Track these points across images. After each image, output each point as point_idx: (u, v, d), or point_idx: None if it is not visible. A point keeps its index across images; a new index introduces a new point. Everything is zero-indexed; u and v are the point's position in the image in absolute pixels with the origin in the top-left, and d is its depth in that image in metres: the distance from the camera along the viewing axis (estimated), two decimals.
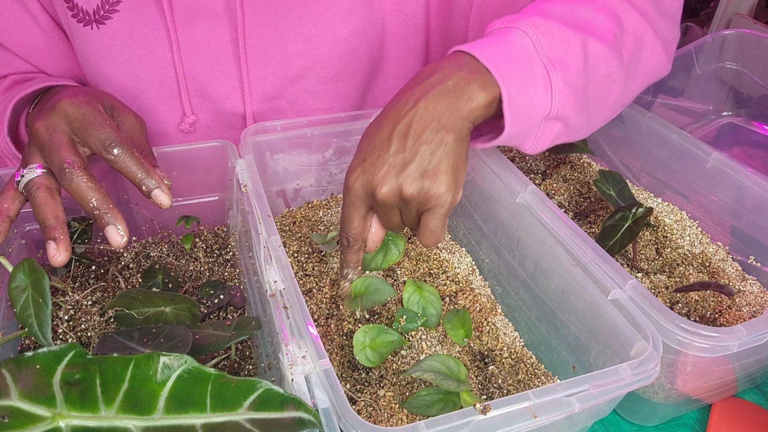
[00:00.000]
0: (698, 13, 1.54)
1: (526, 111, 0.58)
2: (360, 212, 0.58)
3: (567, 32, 0.59)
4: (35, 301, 0.55)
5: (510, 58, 0.57)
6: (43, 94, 0.71)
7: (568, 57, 0.59)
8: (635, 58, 0.66)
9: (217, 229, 0.79)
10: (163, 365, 0.39)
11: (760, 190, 0.69)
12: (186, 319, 0.60)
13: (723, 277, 0.71)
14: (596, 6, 0.63)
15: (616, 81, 0.64)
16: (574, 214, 0.80)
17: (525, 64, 0.57)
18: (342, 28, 0.75)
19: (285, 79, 0.77)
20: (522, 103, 0.57)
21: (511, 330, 0.68)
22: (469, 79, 0.55)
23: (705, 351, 0.52)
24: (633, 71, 0.66)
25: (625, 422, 0.65)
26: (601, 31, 0.61)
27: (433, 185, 0.53)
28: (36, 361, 0.38)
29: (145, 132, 0.64)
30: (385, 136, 0.55)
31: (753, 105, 1.09)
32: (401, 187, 0.54)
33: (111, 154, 0.55)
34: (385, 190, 0.54)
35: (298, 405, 0.41)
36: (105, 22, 0.71)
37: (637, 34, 0.65)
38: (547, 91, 0.58)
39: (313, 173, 0.81)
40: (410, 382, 0.59)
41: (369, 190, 0.55)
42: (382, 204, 0.55)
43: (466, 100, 0.54)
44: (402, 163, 0.54)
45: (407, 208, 0.56)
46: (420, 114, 0.54)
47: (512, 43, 0.58)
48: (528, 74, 0.57)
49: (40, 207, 0.55)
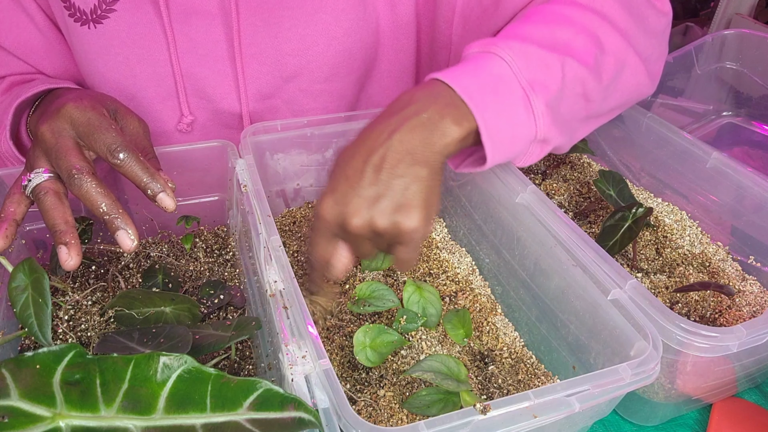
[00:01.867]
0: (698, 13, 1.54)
1: (509, 138, 0.58)
2: (326, 239, 0.56)
3: (545, 54, 0.59)
4: (35, 301, 0.55)
5: (487, 87, 0.56)
6: (44, 97, 0.71)
7: (548, 79, 0.59)
8: (615, 80, 0.66)
9: (217, 229, 0.79)
10: (163, 365, 0.39)
11: (760, 190, 0.69)
12: (186, 319, 0.60)
13: (723, 277, 0.71)
14: (576, 28, 0.63)
15: (593, 101, 0.64)
16: (574, 214, 0.80)
17: (503, 90, 0.57)
18: (336, 28, 0.75)
19: (280, 78, 0.78)
20: (503, 131, 0.57)
21: (511, 330, 0.68)
22: (443, 113, 0.54)
23: (705, 351, 0.52)
24: (612, 91, 0.66)
25: (625, 422, 0.65)
26: (581, 54, 0.61)
27: (405, 220, 0.53)
28: (36, 361, 0.38)
29: (148, 135, 0.64)
30: (358, 166, 0.54)
31: (753, 105, 1.09)
32: (373, 220, 0.53)
33: (117, 158, 0.55)
34: (357, 223, 0.53)
35: (298, 405, 0.41)
36: (102, 22, 0.71)
37: (618, 55, 0.65)
38: (528, 115, 0.58)
39: (313, 173, 0.81)
40: (410, 382, 0.59)
41: (340, 221, 0.54)
42: (353, 235, 0.54)
43: (440, 135, 0.54)
44: (375, 197, 0.53)
45: (378, 240, 0.55)
46: (395, 146, 0.53)
47: (489, 70, 0.58)
48: (507, 101, 0.57)
49: (50, 212, 0.55)
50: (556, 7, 0.65)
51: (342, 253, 0.58)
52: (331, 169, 0.57)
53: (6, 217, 0.57)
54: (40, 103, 0.71)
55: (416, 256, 0.56)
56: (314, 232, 0.57)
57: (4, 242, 0.56)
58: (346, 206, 0.53)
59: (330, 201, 0.54)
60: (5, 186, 0.68)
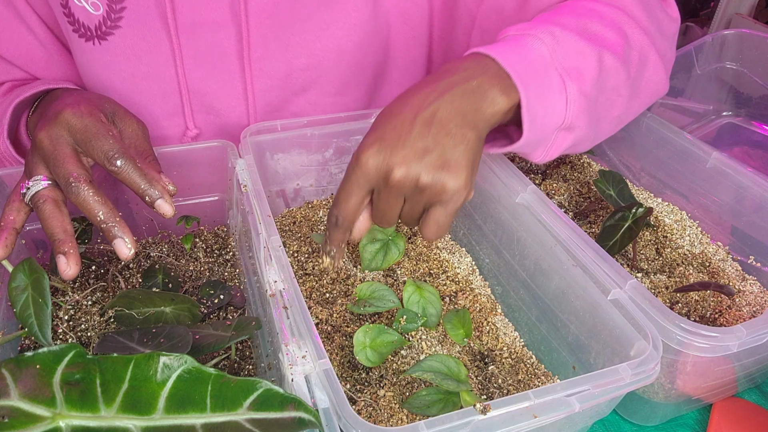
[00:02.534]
0: (698, 13, 1.54)
1: (541, 119, 0.58)
2: (361, 191, 0.54)
3: (582, 43, 0.60)
4: (35, 301, 0.55)
5: (529, 65, 0.57)
6: (43, 97, 0.71)
7: (583, 67, 0.59)
8: (640, 74, 0.66)
9: (217, 229, 0.79)
10: (163, 365, 0.39)
11: (760, 190, 0.69)
12: (186, 319, 0.60)
13: (723, 277, 0.71)
14: (605, 21, 0.63)
15: (622, 95, 0.65)
16: (574, 214, 0.80)
17: (542, 72, 0.57)
18: (347, 42, 0.75)
19: (290, 92, 0.77)
20: (538, 111, 0.57)
21: (511, 330, 0.68)
22: (492, 82, 0.54)
23: (705, 351, 0.52)
24: (637, 87, 0.67)
25: (625, 422, 0.65)
26: (612, 45, 0.62)
27: (451, 178, 0.52)
28: (36, 361, 0.38)
29: (147, 137, 0.63)
30: (406, 119, 0.53)
31: (753, 105, 1.09)
32: (419, 174, 0.51)
33: (114, 165, 0.55)
34: (402, 173, 0.51)
35: (298, 405, 0.41)
36: (107, 38, 0.71)
37: (641, 50, 0.66)
38: (562, 100, 0.58)
39: (313, 173, 0.81)
40: (410, 382, 0.59)
41: (383, 171, 0.52)
42: (393, 187, 0.52)
43: (489, 103, 0.54)
44: (423, 149, 0.51)
45: (417, 197, 0.53)
46: (446, 105, 0.53)
47: (530, 50, 0.58)
48: (545, 82, 0.57)
49: (49, 220, 0.55)
50: (583, 3, 0.66)
51: (363, 216, 0.57)
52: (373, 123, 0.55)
53: (6, 225, 0.57)
54: (39, 104, 0.71)
55: (450, 222, 0.55)
56: (349, 182, 0.54)
57: (4, 251, 0.56)
58: (393, 155, 0.51)
59: (374, 149, 0.52)
60: (4, 185, 0.68)
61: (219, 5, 0.70)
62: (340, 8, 0.73)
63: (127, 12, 0.70)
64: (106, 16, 0.69)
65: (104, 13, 0.69)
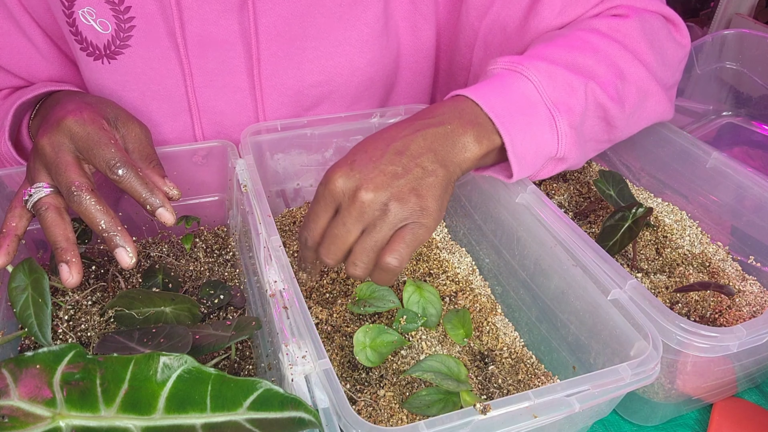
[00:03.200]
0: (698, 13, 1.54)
1: (533, 154, 0.59)
2: (329, 213, 0.54)
3: (570, 76, 0.60)
4: (35, 301, 0.55)
5: (513, 106, 0.57)
6: (45, 99, 0.71)
7: (572, 101, 0.60)
8: (638, 108, 0.67)
9: (217, 229, 0.79)
10: (163, 365, 0.39)
11: (760, 190, 0.69)
12: (186, 319, 0.60)
13: (723, 277, 0.71)
14: (598, 56, 0.64)
15: (616, 128, 0.66)
16: (574, 214, 0.80)
17: (529, 110, 0.58)
18: (360, 59, 0.74)
19: (301, 108, 0.77)
20: (528, 149, 0.58)
21: (511, 330, 0.68)
22: (465, 129, 0.55)
23: (705, 351, 0.52)
24: (635, 120, 0.68)
25: (625, 422, 0.65)
26: (602, 80, 0.63)
27: (421, 204, 0.52)
28: (36, 361, 0.38)
29: (150, 140, 0.63)
30: (379, 147, 0.54)
31: (753, 105, 1.09)
32: (388, 195, 0.51)
33: (116, 174, 0.55)
34: (369, 194, 0.51)
35: (298, 405, 0.41)
36: (116, 57, 0.70)
37: (640, 85, 0.66)
38: (553, 134, 0.59)
39: (313, 173, 0.81)
40: (410, 382, 0.59)
41: (350, 189, 0.52)
42: (357, 208, 0.51)
43: (461, 148, 0.55)
44: (393, 174, 0.52)
45: (383, 218, 0.52)
46: (418, 141, 0.54)
47: (515, 89, 0.58)
48: (533, 120, 0.58)
49: (51, 228, 0.55)
50: (579, 33, 0.66)
51: None
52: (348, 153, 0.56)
53: (8, 232, 0.57)
54: (41, 106, 0.71)
55: (409, 255, 0.53)
56: (317, 203, 0.54)
57: (6, 258, 0.56)
58: (363, 174, 0.52)
59: (344, 170, 0.53)
60: (3, 186, 0.68)
61: (228, 24, 0.70)
62: (352, 25, 0.72)
63: (136, 30, 0.69)
64: (115, 35, 0.69)
65: (113, 32, 0.68)
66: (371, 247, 0.52)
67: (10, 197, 0.62)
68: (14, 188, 0.67)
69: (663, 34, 0.70)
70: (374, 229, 0.52)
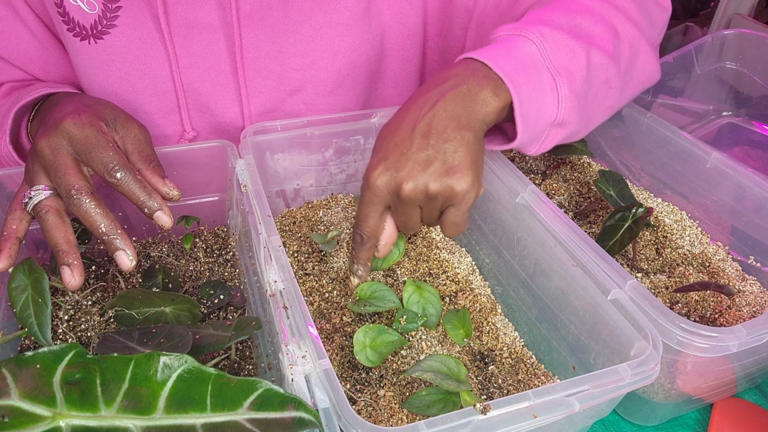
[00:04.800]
0: (698, 13, 1.54)
1: (534, 117, 0.60)
2: (378, 210, 0.57)
3: (571, 42, 0.61)
4: (35, 301, 0.55)
5: (520, 67, 0.58)
6: (44, 101, 0.71)
7: (573, 66, 0.61)
8: (631, 66, 0.68)
9: (217, 229, 0.79)
10: (164, 365, 0.39)
11: (760, 190, 0.69)
12: (186, 319, 0.60)
13: (723, 277, 0.71)
14: (594, 17, 0.65)
15: (613, 87, 0.67)
16: (574, 214, 0.80)
17: (533, 72, 0.59)
18: (341, 42, 0.75)
19: (284, 92, 0.77)
20: (531, 110, 0.59)
21: (511, 330, 0.68)
22: (482, 85, 0.56)
23: (705, 351, 0.52)
24: (629, 78, 0.69)
25: (625, 422, 0.65)
26: (601, 41, 0.64)
27: (458, 181, 0.54)
28: (36, 361, 0.38)
29: (150, 141, 0.63)
30: (405, 134, 0.56)
31: (753, 105, 1.09)
32: (427, 184, 0.54)
33: (114, 177, 0.55)
34: (410, 187, 0.54)
35: (298, 405, 0.41)
36: (102, 37, 0.71)
37: (632, 42, 0.68)
38: (554, 98, 0.60)
39: (313, 173, 0.81)
40: (410, 382, 0.59)
41: (392, 188, 0.55)
42: (406, 201, 0.55)
43: (481, 104, 0.56)
44: (426, 160, 0.54)
45: (431, 205, 0.56)
46: (439, 114, 0.55)
47: (521, 51, 0.59)
48: (536, 82, 0.59)
49: (52, 231, 0.55)
50: None
51: (387, 227, 0.59)
52: (375, 142, 0.58)
53: (9, 235, 0.57)
54: (40, 108, 0.71)
55: (467, 219, 0.57)
56: (365, 204, 0.57)
57: (7, 261, 0.56)
58: (398, 171, 0.54)
59: (381, 168, 0.55)
60: (4, 187, 0.68)
61: (209, 7, 0.71)
62: (333, 9, 0.73)
63: (122, 11, 0.70)
64: (101, 15, 0.70)
65: (99, 12, 0.69)
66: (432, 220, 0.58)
67: (9, 197, 0.62)
68: (14, 189, 0.67)
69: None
70: (427, 210, 0.57)
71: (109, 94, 0.74)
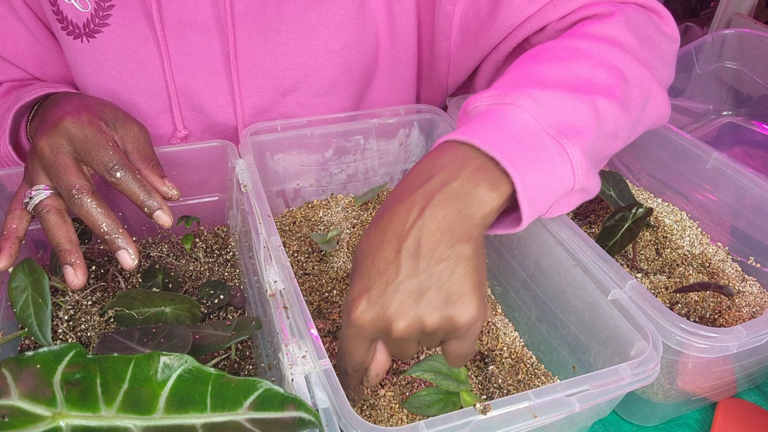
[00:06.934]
0: (698, 13, 1.54)
1: (545, 194, 0.51)
2: (363, 347, 0.49)
3: (569, 97, 0.53)
4: (35, 301, 0.55)
5: (514, 140, 0.49)
6: (43, 101, 0.71)
7: (579, 123, 0.52)
8: (642, 112, 0.60)
9: (217, 229, 0.79)
10: (164, 365, 0.39)
11: (760, 190, 0.69)
12: (186, 319, 0.60)
13: (723, 277, 0.71)
14: (594, 63, 0.56)
15: (619, 138, 0.59)
16: (574, 214, 0.80)
17: (531, 142, 0.50)
18: (335, 41, 0.75)
19: (277, 92, 0.77)
20: (541, 189, 0.50)
21: (511, 330, 0.68)
22: (476, 180, 0.48)
23: (704, 351, 0.52)
24: (639, 123, 0.62)
25: (625, 422, 0.65)
26: (606, 89, 0.55)
27: (460, 312, 0.46)
28: (36, 361, 0.38)
29: (149, 140, 0.63)
30: (389, 257, 0.47)
31: (753, 105, 1.09)
32: (422, 319, 0.46)
33: (114, 177, 0.55)
34: (403, 326, 0.46)
35: (298, 405, 0.41)
36: (95, 36, 0.71)
37: (642, 86, 0.59)
38: (566, 166, 0.51)
39: (313, 173, 0.81)
40: (410, 382, 0.59)
41: (381, 327, 0.47)
42: (400, 339, 0.47)
43: (478, 205, 0.47)
44: (418, 291, 0.46)
45: (429, 339, 0.48)
46: (428, 226, 0.46)
47: (510, 121, 0.51)
48: (540, 154, 0.50)
49: (54, 231, 0.55)
50: (565, 42, 0.60)
51: (378, 357, 0.50)
52: (354, 263, 0.50)
53: (9, 235, 0.57)
54: (39, 108, 0.71)
55: (473, 350, 0.49)
56: (347, 341, 0.49)
57: (8, 261, 0.56)
58: (386, 308, 0.46)
59: (364, 304, 0.46)
60: (3, 187, 0.68)
61: (204, 7, 0.71)
62: (326, 8, 0.73)
63: (115, 10, 0.70)
64: (94, 14, 0.70)
65: (92, 11, 0.69)
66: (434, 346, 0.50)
67: (9, 197, 0.62)
68: (13, 189, 0.67)
69: (652, 29, 0.65)
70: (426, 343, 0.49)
71: (102, 92, 0.74)
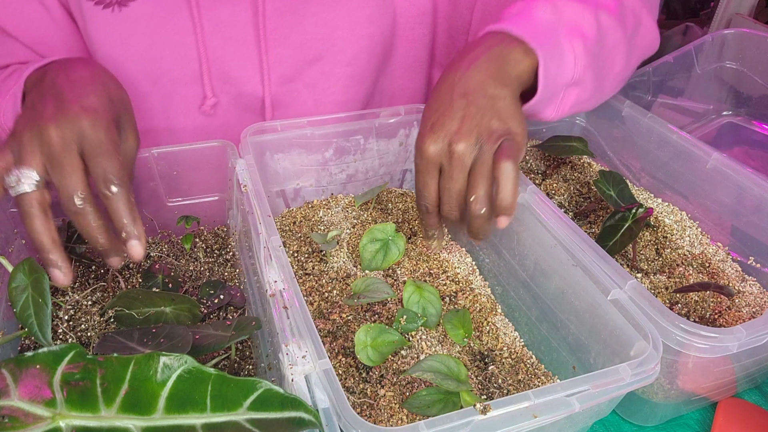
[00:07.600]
0: (698, 13, 1.54)
1: (554, 76, 0.63)
2: (435, 176, 0.59)
3: (579, 6, 0.66)
4: (35, 301, 0.55)
5: (538, 30, 0.62)
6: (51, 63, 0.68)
7: (585, 27, 0.65)
8: (635, 32, 0.72)
9: (217, 229, 0.79)
10: (163, 365, 0.39)
11: (760, 190, 0.69)
12: (186, 319, 0.60)
13: (723, 277, 0.71)
14: None
15: (621, 52, 0.70)
16: (574, 214, 0.80)
17: (551, 34, 0.63)
18: (359, 13, 0.78)
19: (303, 61, 0.79)
20: (551, 69, 0.62)
21: (511, 330, 0.68)
22: (512, 46, 0.60)
23: (704, 351, 0.52)
24: (634, 44, 0.73)
25: (625, 422, 0.65)
26: (607, 5, 0.68)
27: (507, 123, 0.57)
28: (36, 361, 0.38)
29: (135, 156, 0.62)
30: (445, 99, 0.59)
31: (753, 105, 1.09)
32: (477, 129, 0.56)
33: (108, 189, 0.53)
34: (461, 143, 0.56)
35: (298, 405, 0.41)
36: (128, 5, 0.72)
37: (635, 11, 0.72)
38: (570, 57, 0.63)
39: (313, 173, 0.81)
40: (410, 382, 0.59)
41: (444, 148, 0.57)
42: (458, 159, 0.56)
43: (513, 63, 0.60)
44: (469, 116, 0.57)
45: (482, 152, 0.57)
46: (474, 75, 0.59)
47: (536, 17, 0.64)
48: (555, 43, 0.62)
49: (36, 230, 0.53)
50: None
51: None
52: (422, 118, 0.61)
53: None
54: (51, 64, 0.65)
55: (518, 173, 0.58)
56: (420, 173, 0.59)
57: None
58: (447, 130, 0.57)
59: (429, 135, 0.58)
60: None
61: None
62: None
63: None
64: None
65: None
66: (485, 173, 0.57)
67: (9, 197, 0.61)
68: None
69: None
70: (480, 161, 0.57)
71: (128, 64, 0.74)
